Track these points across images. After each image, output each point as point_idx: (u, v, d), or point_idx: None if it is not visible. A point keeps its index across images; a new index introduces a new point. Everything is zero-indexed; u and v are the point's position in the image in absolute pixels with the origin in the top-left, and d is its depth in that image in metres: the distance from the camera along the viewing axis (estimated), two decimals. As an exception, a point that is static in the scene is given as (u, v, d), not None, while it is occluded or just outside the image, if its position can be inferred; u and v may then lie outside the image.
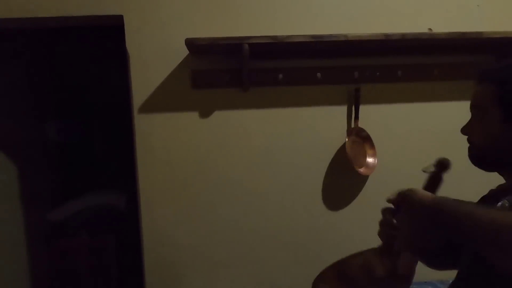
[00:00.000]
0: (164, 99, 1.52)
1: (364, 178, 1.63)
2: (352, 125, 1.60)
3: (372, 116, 1.61)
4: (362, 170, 1.58)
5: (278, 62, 1.56)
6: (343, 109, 1.61)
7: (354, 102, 1.58)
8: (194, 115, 1.54)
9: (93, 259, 2.33)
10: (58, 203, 2.38)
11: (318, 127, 1.59)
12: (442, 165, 0.78)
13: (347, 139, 1.56)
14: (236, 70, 1.54)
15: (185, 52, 1.50)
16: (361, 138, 1.60)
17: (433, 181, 0.78)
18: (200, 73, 1.53)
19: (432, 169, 0.79)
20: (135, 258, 1.69)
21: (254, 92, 1.56)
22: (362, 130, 1.59)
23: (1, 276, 1.86)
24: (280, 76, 1.56)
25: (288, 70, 1.56)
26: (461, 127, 0.84)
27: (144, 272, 1.54)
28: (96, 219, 2.37)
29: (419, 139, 1.64)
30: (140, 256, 1.56)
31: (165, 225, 1.55)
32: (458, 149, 0.91)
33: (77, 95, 2.60)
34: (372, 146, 1.59)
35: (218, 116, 1.56)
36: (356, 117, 1.58)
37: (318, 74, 1.58)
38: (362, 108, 1.58)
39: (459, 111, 1.07)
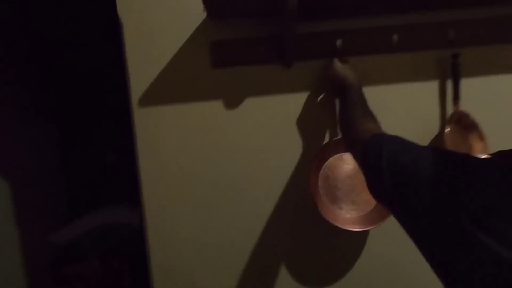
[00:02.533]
0: (173, 85, 1.07)
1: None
2: (450, 109, 1.08)
3: (478, 95, 1.09)
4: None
5: (335, 22, 1.07)
6: (434, 85, 1.09)
7: (451, 75, 1.07)
8: (216, 105, 1.08)
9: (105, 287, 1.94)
10: (62, 223, 2.00)
11: (399, 112, 1.08)
12: None
13: (445, 129, 1.05)
14: (274, 38, 1.07)
15: (200, 16, 1.05)
16: (463, 127, 1.07)
17: None
18: (223, 46, 1.07)
19: None
20: None
21: (301, 67, 1.08)
22: (465, 115, 1.07)
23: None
24: (339, 42, 1.07)
25: (349, 33, 1.07)
26: None
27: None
28: (107, 240, 1.97)
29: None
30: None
31: (178, 246, 1.10)
32: None
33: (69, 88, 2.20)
34: (480, 137, 1.07)
35: (250, 104, 1.08)
36: (456, 97, 1.06)
37: (394, 37, 1.07)
38: (463, 84, 1.06)
39: None
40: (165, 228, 1.09)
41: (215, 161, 1.09)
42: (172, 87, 1.07)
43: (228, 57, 1.07)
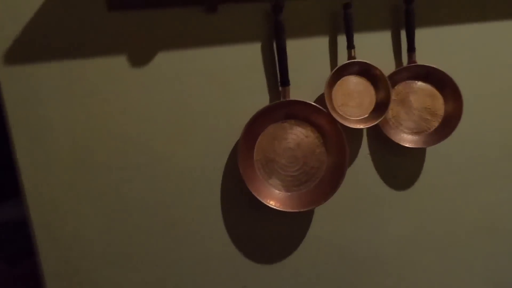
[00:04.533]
0: (54, 34, 0.77)
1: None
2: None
3: (434, 46, 0.95)
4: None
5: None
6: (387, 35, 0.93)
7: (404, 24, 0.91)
8: (116, 62, 0.81)
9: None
10: None
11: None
12: None
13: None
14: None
15: None
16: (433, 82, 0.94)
17: None
18: (121, -21, 0.79)
19: None
20: None
21: (230, 12, 0.84)
22: (434, 69, 0.92)
23: None
24: (274, -21, 0.84)
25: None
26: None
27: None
28: (11, 240, 1.64)
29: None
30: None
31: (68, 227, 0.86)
32: None
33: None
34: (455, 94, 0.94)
35: (163, 60, 0.83)
36: (411, 48, 0.91)
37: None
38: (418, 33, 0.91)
39: None
40: (57, 226, 0.83)
41: (119, 136, 0.83)
42: (52, 37, 0.77)
43: (129, -4, 0.80)
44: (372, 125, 0.87)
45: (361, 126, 0.87)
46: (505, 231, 1.11)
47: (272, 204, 0.85)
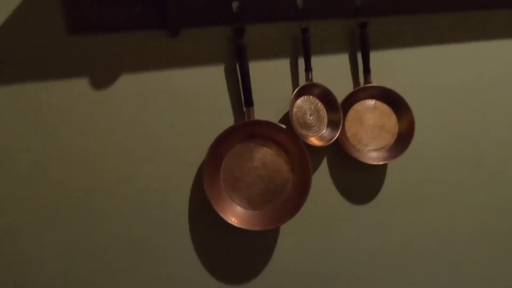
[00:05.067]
0: (12, 56, 0.76)
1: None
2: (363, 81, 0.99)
3: (387, 68, 1.01)
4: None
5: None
6: (344, 57, 0.98)
7: (360, 46, 0.96)
8: (77, 84, 0.80)
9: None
10: None
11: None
12: None
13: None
14: (153, -4, 0.83)
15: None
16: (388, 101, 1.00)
17: None
18: (83, 3, 0.79)
19: None
20: None
21: (192, 35, 0.86)
22: (388, 90, 0.98)
23: None
24: (235, 5, 0.87)
25: (248, -6, 0.89)
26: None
27: None
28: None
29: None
30: None
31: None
32: None
33: None
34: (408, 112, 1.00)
35: (125, 82, 0.83)
36: (367, 69, 0.97)
37: (299, 1, 0.92)
38: (373, 56, 0.97)
39: None
40: (12, 249, 0.79)
41: (81, 158, 0.81)
42: (10, 58, 0.76)
43: (91, 19, 0.80)
44: (329, 143, 0.91)
45: (321, 144, 0.91)
46: (462, 241, 1.17)
47: (236, 222, 0.86)
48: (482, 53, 1.11)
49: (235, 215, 0.87)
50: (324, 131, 0.94)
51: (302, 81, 0.94)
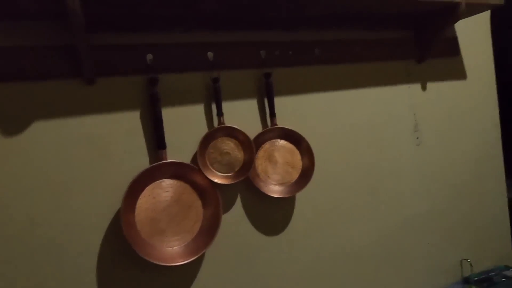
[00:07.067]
0: None
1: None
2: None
3: (290, 111, 1.15)
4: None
5: (145, 34, 0.97)
6: (253, 103, 1.10)
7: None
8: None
9: None
10: None
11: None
12: None
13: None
14: (69, 48, 0.89)
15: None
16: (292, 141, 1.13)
17: None
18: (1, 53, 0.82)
19: None
20: None
21: (107, 84, 0.93)
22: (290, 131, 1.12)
23: None
24: (150, 57, 0.96)
25: (161, 47, 0.98)
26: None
27: None
28: None
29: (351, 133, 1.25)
30: None
31: None
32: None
33: None
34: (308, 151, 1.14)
35: (39, 129, 0.87)
36: (272, 113, 1.10)
37: (209, 54, 1.04)
38: (278, 101, 1.11)
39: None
40: None
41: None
42: None
43: (8, 67, 0.83)
44: (238, 181, 1.01)
45: (229, 182, 1.00)
46: (365, 258, 1.31)
47: (155, 261, 0.89)
48: (372, 97, 1.31)
49: (152, 254, 0.90)
50: (237, 169, 1.04)
51: (216, 124, 1.04)
